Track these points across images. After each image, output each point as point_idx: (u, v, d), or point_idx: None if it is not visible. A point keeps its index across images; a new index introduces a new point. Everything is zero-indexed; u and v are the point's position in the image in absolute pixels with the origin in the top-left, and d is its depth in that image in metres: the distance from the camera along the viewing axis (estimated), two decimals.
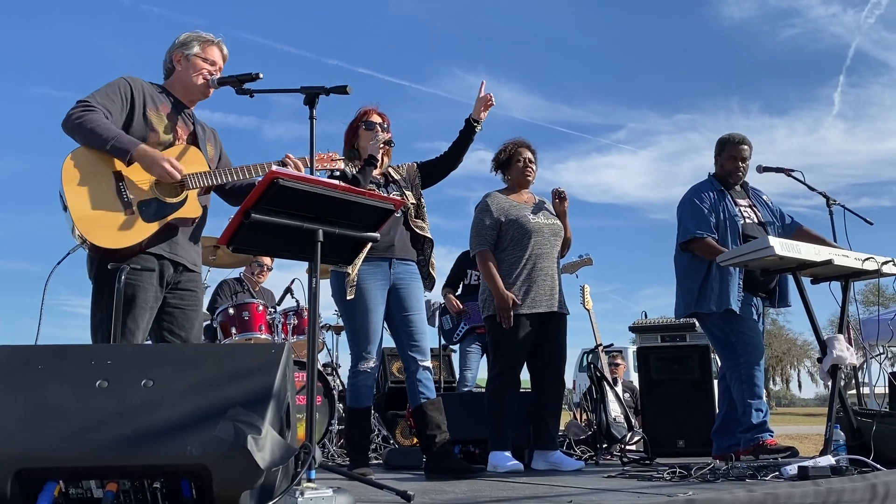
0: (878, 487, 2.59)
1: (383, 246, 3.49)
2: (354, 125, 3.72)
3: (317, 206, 2.19)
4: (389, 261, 3.55)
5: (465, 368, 5.74)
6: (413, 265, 3.67)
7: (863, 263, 3.45)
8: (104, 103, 2.74)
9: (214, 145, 3.11)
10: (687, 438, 4.77)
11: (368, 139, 3.62)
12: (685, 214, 4.04)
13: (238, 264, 5.45)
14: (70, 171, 2.65)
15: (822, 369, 3.38)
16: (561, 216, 4.08)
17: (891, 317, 4.93)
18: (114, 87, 2.81)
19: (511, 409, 3.78)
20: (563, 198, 4.07)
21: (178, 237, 2.84)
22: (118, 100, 2.79)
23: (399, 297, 3.58)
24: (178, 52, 2.98)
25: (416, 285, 3.65)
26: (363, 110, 3.74)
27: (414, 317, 3.61)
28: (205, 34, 3.03)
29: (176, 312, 2.88)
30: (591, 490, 2.55)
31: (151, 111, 2.85)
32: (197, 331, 2.98)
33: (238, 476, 1.53)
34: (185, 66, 2.97)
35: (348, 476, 2.55)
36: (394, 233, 3.56)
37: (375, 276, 3.52)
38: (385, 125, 3.71)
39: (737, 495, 2.20)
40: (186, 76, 2.97)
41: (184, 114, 2.99)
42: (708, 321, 3.96)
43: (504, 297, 3.74)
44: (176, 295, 2.89)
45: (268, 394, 1.64)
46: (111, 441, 1.54)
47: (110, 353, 1.72)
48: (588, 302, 5.20)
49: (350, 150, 3.71)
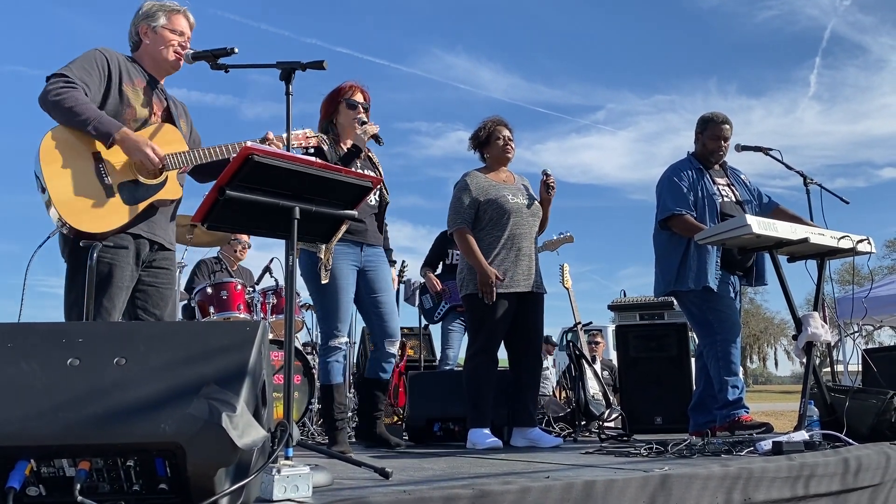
0: (850, 462, 2.64)
1: (357, 230, 3.54)
2: (336, 98, 3.66)
3: (293, 183, 2.16)
4: (361, 245, 3.61)
5: (448, 347, 5.75)
6: (381, 249, 3.75)
7: (838, 242, 3.49)
8: (82, 77, 2.66)
9: (186, 121, 3.07)
10: (664, 415, 4.82)
11: (350, 118, 3.59)
12: (664, 192, 4.06)
13: (216, 243, 5.40)
14: (48, 152, 2.58)
15: (797, 346, 3.43)
16: (544, 203, 4.08)
17: (864, 295, 5.01)
18: (90, 59, 2.73)
19: (489, 387, 3.80)
20: (551, 186, 4.06)
21: (155, 216, 2.81)
22: (96, 74, 2.71)
23: (368, 280, 3.64)
24: (144, 24, 2.90)
25: (384, 268, 3.73)
26: (347, 84, 3.68)
27: (383, 297, 3.68)
28: (169, 2, 2.94)
29: (150, 290, 2.86)
30: (568, 466, 2.57)
31: (127, 86, 2.79)
32: (171, 309, 2.96)
33: (212, 454, 1.51)
34: (152, 38, 2.89)
35: (326, 454, 2.55)
36: (368, 221, 3.62)
37: (347, 256, 3.54)
38: (367, 104, 3.66)
39: (712, 470, 2.23)
40: (155, 50, 2.90)
41: (157, 88, 2.92)
42: (686, 299, 4.00)
43: (487, 273, 3.74)
44: (150, 273, 2.86)
45: (242, 371, 1.62)
46: (83, 419, 1.52)
47: (82, 330, 1.69)
48: (567, 281, 5.22)
49: (327, 124, 3.67)
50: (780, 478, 2.39)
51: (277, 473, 1.76)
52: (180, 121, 2.97)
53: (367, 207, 3.63)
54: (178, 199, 2.86)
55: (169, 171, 2.79)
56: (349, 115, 3.60)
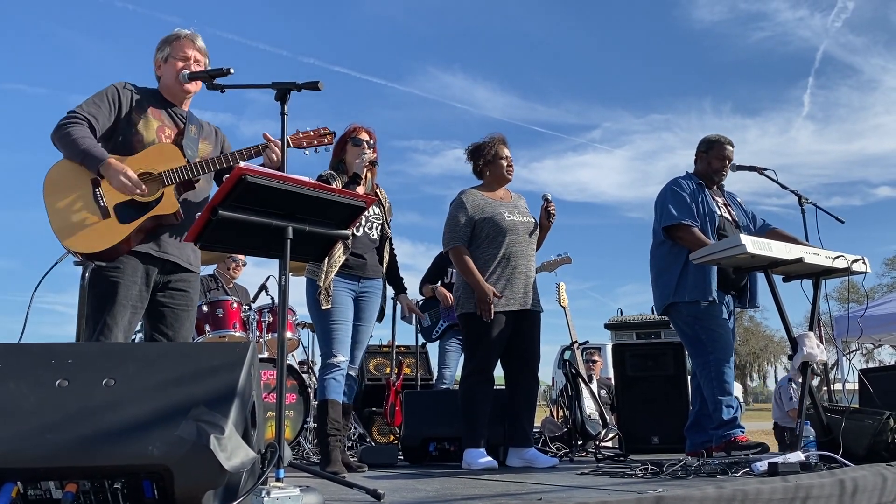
0: (847, 483, 2.62)
1: (356, 265, 3.74)
2: (344, 140, 3.86)
3: (286, 202, 2.17)
4: (359, 278, 3.78)
5: (444, 366, 5.72)
6: (380, 281, 3.91)
7: (833, 261, 3.49)
8: (91, 111, 2.88)
9: (214, 142, 3.21)
10: (661, 435, 4.79)
11: (355, 155, 3.77)
12: (668, 202, 4.00)
13: (212, 261, 5.40)
14: (51, 184, 2.80)
15: (792, 366, 3.42)
16: (542, 230, 4.10)
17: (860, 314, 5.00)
18: (102, 94, 2.96)
19: (485, 407, 3.78)
20: (552, 213, 4.08)
21: (169, 236, 2.92)
22: (105, 106, 2.93)
23: (358, 308, 3.82)
24: (158, 58, 3.12)
25: (375, 300, 3.89)
26: (352, 127, 3.90)
27: (363, 326, 3.87)
28: (175, 32, 3.12)
29: (166, 312, 2.96)
30: (562, 487, 2.56)
31: (137, 115, 2.97)
32: (187, 330, 3.05)
33: (200, 476, 1.51)
34: (164, 70, 3.10)
35: (318, 475, 2.53)
36: (368, 256, 3.81)
37: (346, 286, 3.73)
38: (371, 142, 3.86)
39: (706, 492, 2.21)
40: (168, 79, 3.10)
41: (174, 115, 3.10)
42: (680, 316, 3.94)
43: (484, 290, 3.74)
44: (167, 294, 2.97)
45: (231, 393, 1.62)
46: (71, 441, 1.52)
47: (71, 351, 1.69)
48: (563, 299, 5.21)
49: (337, 164, 3.86)
50: (775, 499, 2.37)
51: (267, 496, 1.75)
52: (201, 142, 3.11)
53: (368, 241, 3.82)
54: (175, 212, 2.90)
55: (166, 186, 2.85)
56: (355, 153, 3.79)
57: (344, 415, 3.82)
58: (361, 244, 3.76)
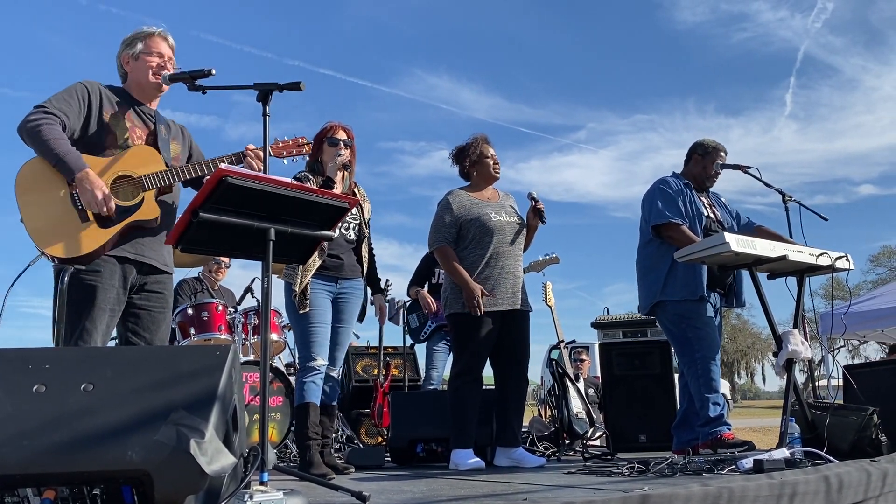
0: (831, 479, 2.63)
1: (333, 265, 3.70)
2: (320, 139, 3.79)
3: (268, 204, 2.15)
4: (336, 279, 3.74)
5: (432, 367, 5.71)
6: (359, 281, 3.86)
7: (817, 259, 3.50)
8: (62, 108, 2.77)
9: (182, 142, 3.14)
10: (649, 433, 4.79)
11: (331, 156, 3.72)
12: (656, 200, 3.99)
13: (197, 263, 5.36)
14: (24, 182, 2.67)
15: (777, 363, 3.43)
16: (530, 229, 4.09)
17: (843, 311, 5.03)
18: (71, 91, 2.84)
19: (473, 408, 3.77)
20: (541, 211, 4.06)
21: (144, 238, 2.86)
22: (75, 104, 2.82)
23: (337, 309, 3.78)
24: (126, 54, 3.02)
25: (355, 301, 3.85)
26: (329, 125, 3.82)
27: (343, 328, 3.83)
28: (146, 28, 3.05)
29: (142, 314, 2.90)
30: (548, 487, 2.55)
31: (108, 114, 2.88)
32: (163, 333, 3.00)
33: (181, 481, 1.49)
34: (134, 66, 3.00)
35: (303, 477, 2.52)
36: (345, 256, 3.76)
37: (323, 288, 3.69)
38: (349, 141, 3.81)
39: (692, 490, 2.21)
40: (138, 75, 3.00)
41: (143, 114, 3.01)
42: (667, 315, 3.95)
43: (472, 288, 3.74)
44: (142, 296, 2.91)
45: (212, 397, 1.60)
46: (48, 447, 1.49)
47: (48, 356, 1.67)
48: (550, 299, 5.22)
49: (314, 163, 3.79)
50: (761, 496, 2.37)
51: (250, 499, 1.73)
52: (172, 143, 3.03)
53: (345, 242, 3.77)
54: (155, 218, 2.86)
55: (146, 190, 2.81)
56: (331, 153, 3.73)
57: (328, 416, 3.79)
58: (337, 245, 3.71)
